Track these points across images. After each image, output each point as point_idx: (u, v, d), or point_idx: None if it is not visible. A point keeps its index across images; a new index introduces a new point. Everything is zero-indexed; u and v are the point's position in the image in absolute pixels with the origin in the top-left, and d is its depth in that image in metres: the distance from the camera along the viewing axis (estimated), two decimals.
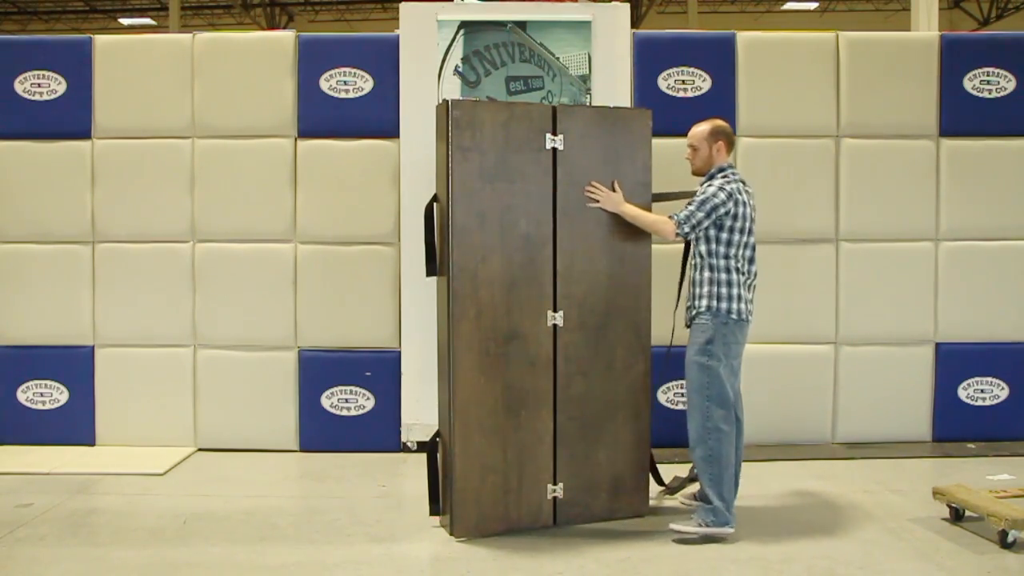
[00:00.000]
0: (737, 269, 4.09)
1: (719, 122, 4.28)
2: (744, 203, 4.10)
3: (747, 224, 4.12)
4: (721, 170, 4.18)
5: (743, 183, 4.17)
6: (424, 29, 5.46)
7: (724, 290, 4.06)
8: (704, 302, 4.09)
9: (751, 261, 4.18)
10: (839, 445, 5.60)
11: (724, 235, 4.08)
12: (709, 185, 4.13)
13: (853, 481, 4.93)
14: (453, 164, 4.03)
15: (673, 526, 4.03)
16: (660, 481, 4.59)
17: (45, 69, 5.58)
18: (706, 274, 4.11)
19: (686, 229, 4.08)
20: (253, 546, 3.97)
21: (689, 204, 4.12)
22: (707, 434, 4.03)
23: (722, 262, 4.08)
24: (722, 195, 4.05)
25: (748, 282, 4.15)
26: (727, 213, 4.05)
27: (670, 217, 4.10)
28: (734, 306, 4.06)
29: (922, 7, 11.47)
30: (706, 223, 4.06)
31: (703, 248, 4.12)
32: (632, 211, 4.22)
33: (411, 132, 5.40)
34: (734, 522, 4.03)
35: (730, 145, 4.26)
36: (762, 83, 5.58)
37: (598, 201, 4.22)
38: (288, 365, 5.55)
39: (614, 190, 4.25)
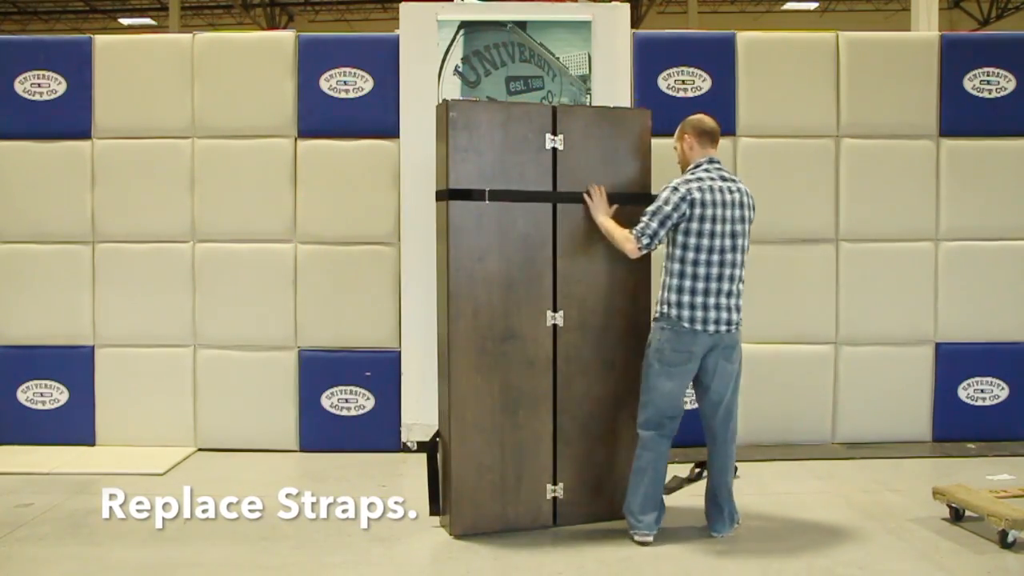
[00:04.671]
0: (696, 275, 3.86)
1: (691, 116, 4.09)
2: (712, 203, 3.85)
3: (716, 227, 3.86)
4: (697, 166, 3.97)
5: (725, 180, 3.93)
6: (424, 29, 5.46)
7: (674, 296, 3.88)
8: (656, 307, 3.99)
9: (734, 265, 3.91)
10: (839, 445, 5.60)
11: (680, 238, 3.87)
12: (664, 188, 3.91)
13: (853, 481, 4.93)
14: (451, 164, 4.03)
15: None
16: None
17: (45, 69, 5.58)
18: (663, 278, 3.95)
19: (644, 242, 3.91)
20: (253, 546, 3.97)
21: (643, 214, 3.94)
22: (637, 438, 4.02)
23: (677, 266, 3.89)
24: (674, 198, 3.85)
25: (722, 289, 3.88)
26: (683, 216, 3.84)
27: (631, 232, 3.95)
28: (684, 313, 3.86)
29: (922, 7, 11.47)
30: (662, 232, 3.88)
31: (666, 250, 3.97)
32: (606, 224, 4.06)
33: (411, 132, 5.39)
34: (645, 531, 3.96)
35: (703, 137, 3.99)
36: (762, 83, 5.58)
37: (591, 203, 4.12)
38: (288, 365, 5.55)
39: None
